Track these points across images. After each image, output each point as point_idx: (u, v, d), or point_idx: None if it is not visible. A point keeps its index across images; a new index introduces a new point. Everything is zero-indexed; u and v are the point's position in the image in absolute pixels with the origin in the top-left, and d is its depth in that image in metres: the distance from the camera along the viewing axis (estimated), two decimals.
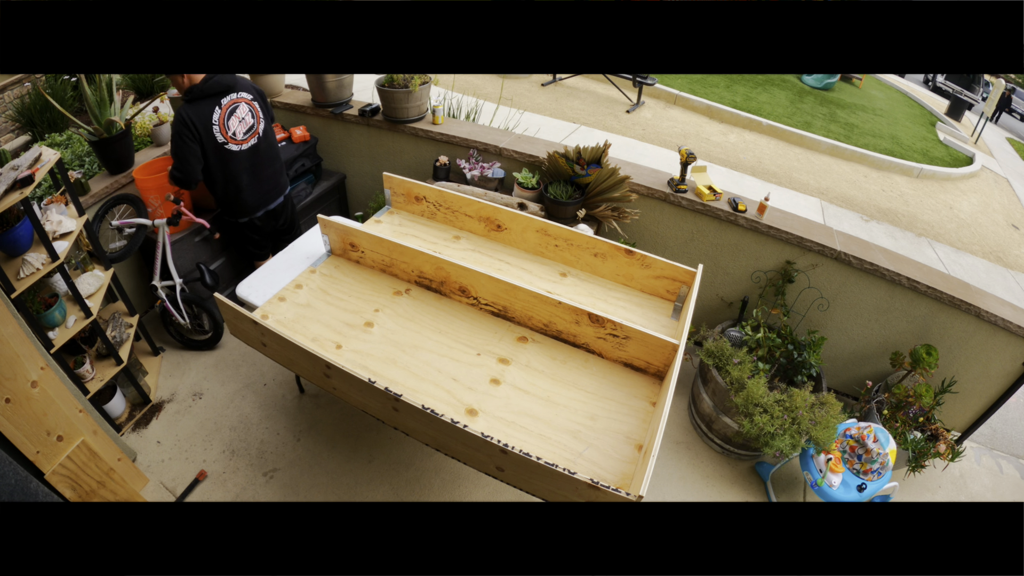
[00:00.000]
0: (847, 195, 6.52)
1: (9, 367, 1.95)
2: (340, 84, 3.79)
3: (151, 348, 3.24)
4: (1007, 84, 14.65)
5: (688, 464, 2.90)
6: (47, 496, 1.87)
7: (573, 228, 2.54)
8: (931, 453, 2.70)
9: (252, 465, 2.71)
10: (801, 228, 2.97)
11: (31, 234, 2.37)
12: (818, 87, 10.16)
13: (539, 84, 8.22)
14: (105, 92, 2.91)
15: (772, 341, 2.82)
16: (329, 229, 2.49)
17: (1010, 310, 2.76)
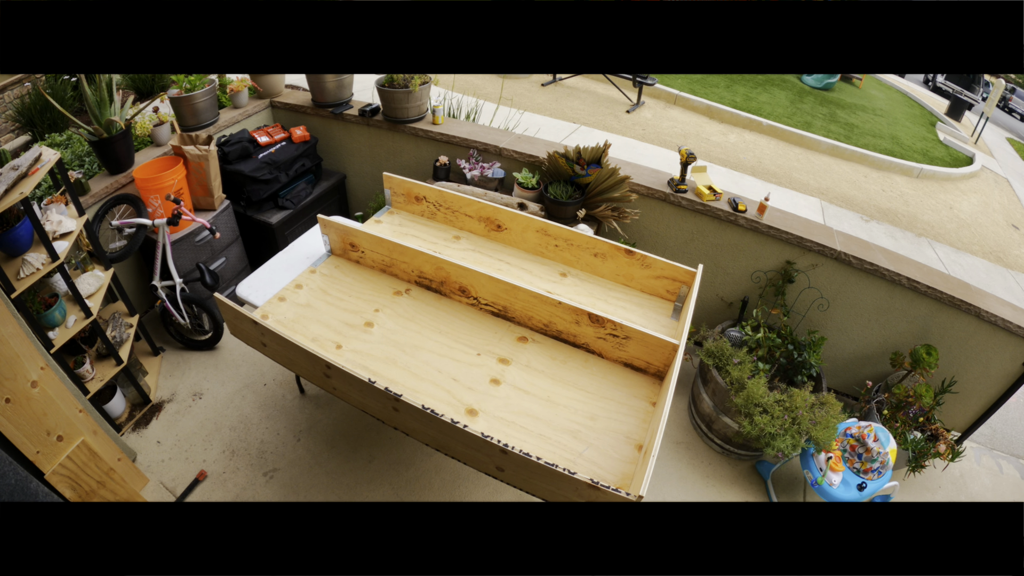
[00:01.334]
0: (847, 195, 6.52)
1: (9, 367, 1.95)
2: (340, 84, 3.79)
3: (151, 348, 3.24)
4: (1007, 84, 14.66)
5: (688, 464, 2.90)
6: (47, 496, 1.87)
7: (573, 228, 2.54)
8: (931, 453, 2.70)
9: (252, 465, 2.71)
10: (801, 228, 2.97)
11: (31, 234, 2.37)
12: (818, 87, 10.15)
13: (539, 84, 8.22)
14: (105, 92, 2.91)
15: (772, 341, 2.82)
16: (329, 229, 2.49)
17: (1010, 310, 2.76)
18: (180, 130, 3.49)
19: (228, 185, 3.49)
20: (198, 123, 3.53)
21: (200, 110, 3.49)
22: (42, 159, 2.35)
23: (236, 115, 3.75)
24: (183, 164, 3.16)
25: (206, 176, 3.21)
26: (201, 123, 3.54)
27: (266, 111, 3.98)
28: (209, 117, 3.57)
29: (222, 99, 3.92)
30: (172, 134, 3.48)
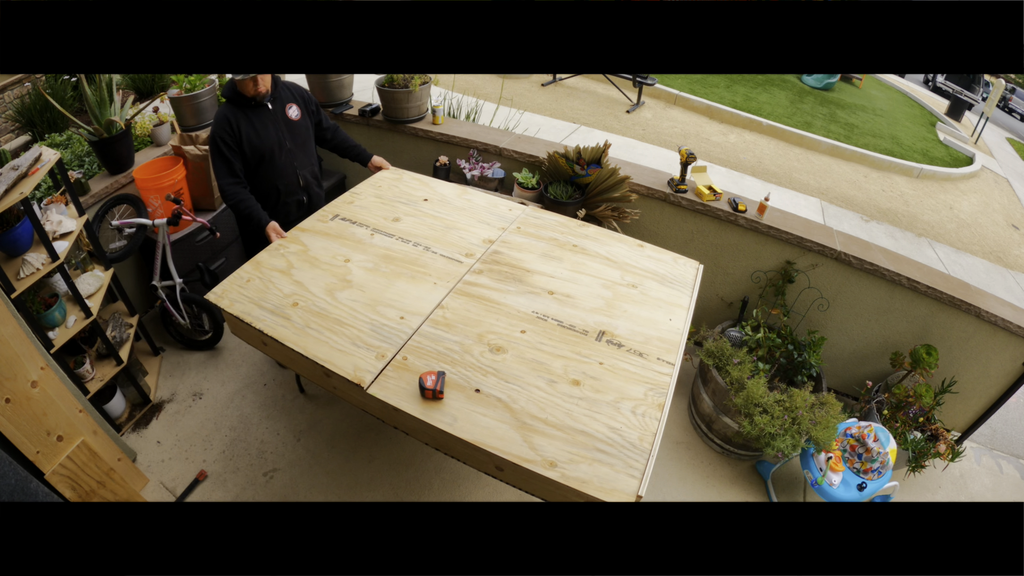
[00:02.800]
0: (847, 195, 6.52)
1: (9, 367, 1.95)
2: (340, 84, 3.79)
3: (151, 348, 3.24)
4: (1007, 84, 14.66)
5: (688, 464, 2.90)
6: (47, 496, 1.87)
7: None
8: (931, 453, 2.70)
9: (252, 465, 2.71)
10: (801, 228, 2.97)
11: (31, 234, 2.37)
12: (818, 87, 10.15)
13: (539, 84, 8.22)
14: (105, 92, 2.91)
15: (772, 341, 2.82)
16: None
17: (1010, 310, 2.76)
18: (180, 130, 3.49)
19: None
20: (198, 123, 3.53)
21: (200, 110, 3.49)
22: (42, 159, 2.35)
23: None
24: (183, 164, 3.16)
25: (206, 176, 3.22)
26: (201, 123, 3.54)
27: None
28: (209, 117, 3.57)
29: (222, 99, 3.92)
30: (172, 134, 3.48)
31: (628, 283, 2.20)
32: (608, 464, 1.55)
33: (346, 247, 2.28)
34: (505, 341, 1.90)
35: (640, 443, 1.61)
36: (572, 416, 1.67)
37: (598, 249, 2.37)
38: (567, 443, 1.60)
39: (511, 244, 2.35)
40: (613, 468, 1.54)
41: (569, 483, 1.49)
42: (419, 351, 1.86)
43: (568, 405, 1.70)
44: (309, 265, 2.18)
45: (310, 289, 2.06)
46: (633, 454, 1.58)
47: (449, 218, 2.49)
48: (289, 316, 1.95)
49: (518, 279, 2.17)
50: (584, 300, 2.09)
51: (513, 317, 2.00)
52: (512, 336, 1.92)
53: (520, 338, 1.92)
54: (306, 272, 2.14)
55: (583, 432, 1.63)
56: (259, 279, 2.11)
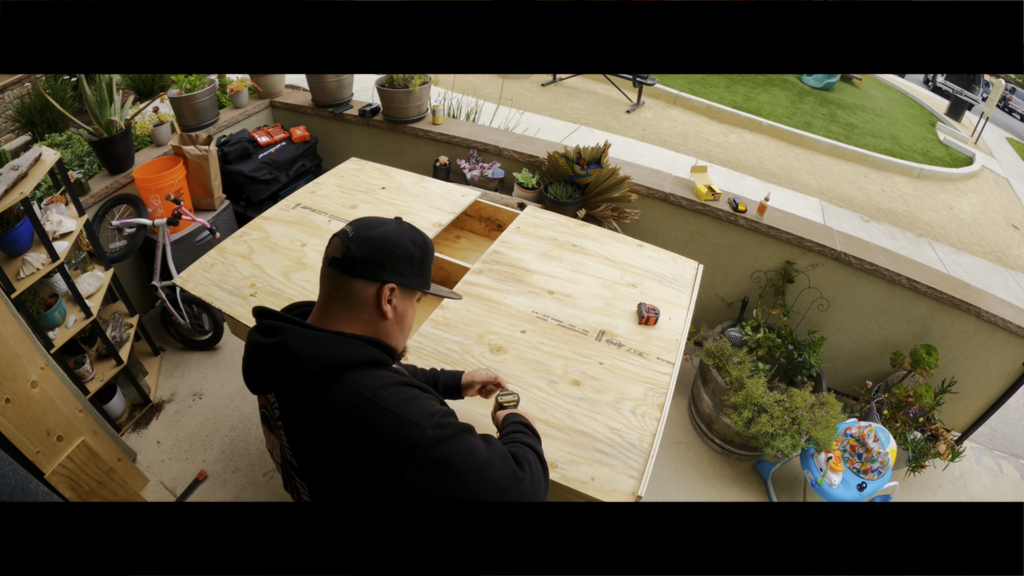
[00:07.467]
0: (847, 195, 6.52)
1: (9, 367, 1.95)
2: (340, 84, 3.79)
3: (151, 348, 3.24)
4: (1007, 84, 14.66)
5: (688, 464, 2.90)
6: (47, 496, 1.87)
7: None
8: (931, 453, 2.70)
9: (252, 465, 2.71)
10: (801, 228, 2.97)
11: (31, 234, 2.37)
12: (818, 87, 10.16)
13: (539, 84, 8.22)
14: (105, 92, 2.91)
15: (772, 341, 2.82)
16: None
17: (1010, 310, 2.76)
18: (180, 130, 3.49)
19: (228, 185, 3.49)
20: (198, 123, 3.53)
21: (200, 110, 3.49)
22: (42, 159, 2.35)
23: (236, 115, 3.75)
24: (183, 164, 3.16)
25: (206, 176, 3.22)
26: (201, 123, 3.54)
27: (266, 111, 3.98)
28: (209, 117, 3.57)
29: (222, 99, 3.92)
30: (172, 134, 3.48)
31: (628, 283, 2.20)
32: (608, 465, 1.55)
33: (304, 233, 2.35)
34: (505, 341, 1.90)
35: (640, 443, 1.61)
36: (572, 417, 1.67)
37: (598, 249, 2.37)
38: (567, 444, 1.60)
39: (511, 244, 2.35)
40: (613, 468, 1.54)
41: (569, 484, 1.49)
42: (419, 351, 1.86)
43: (569, 406, 1.70)
44: (268, 250, 2.25)
45: (267, 271, 2.14)
46: (633, 454, 1.58)
47: (404, 204, 2.56)
48: (245, 296, 2.02)
49: (518, 279, 2.17)
50: (584, 300, 2.09)
51: (513, 317, 2.00)
52: (512, 336, 1.92)
53: (520, 338, 1.92)
54: (265, 256, 2.22)
55: (583, 433, 1.63)
56: (222, 263, 2.18)
